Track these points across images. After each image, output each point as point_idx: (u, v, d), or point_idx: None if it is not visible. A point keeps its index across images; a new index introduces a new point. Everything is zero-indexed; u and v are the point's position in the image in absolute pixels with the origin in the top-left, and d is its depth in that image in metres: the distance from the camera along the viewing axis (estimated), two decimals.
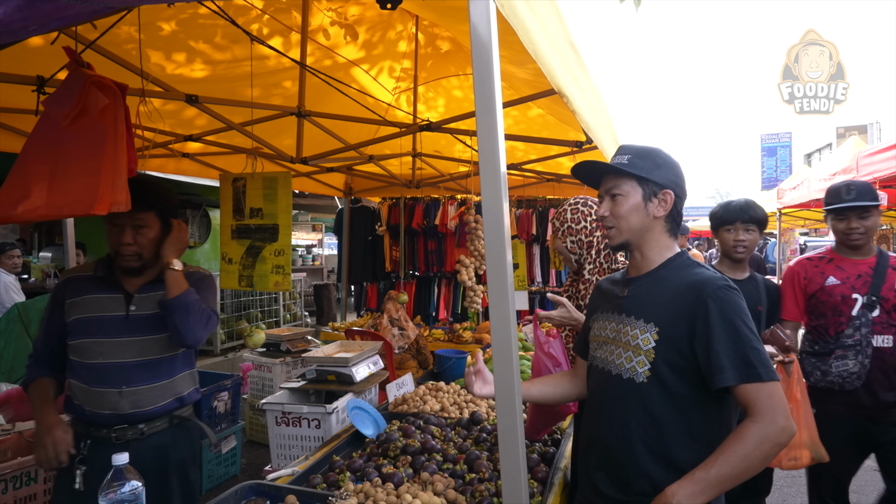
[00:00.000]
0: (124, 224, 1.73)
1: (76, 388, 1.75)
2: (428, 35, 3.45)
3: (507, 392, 1.07)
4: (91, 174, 1.39)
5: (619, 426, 1.37)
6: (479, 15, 1.04)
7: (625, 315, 1.41)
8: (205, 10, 2.62)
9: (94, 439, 1.72)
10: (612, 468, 1.39)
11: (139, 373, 1.77)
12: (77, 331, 1.75)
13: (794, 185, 6.77)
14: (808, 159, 20.75)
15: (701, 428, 1.31)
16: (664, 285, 1.39)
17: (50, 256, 6.34)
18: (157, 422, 1.82)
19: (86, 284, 1.79)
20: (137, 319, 1.78)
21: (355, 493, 1.61)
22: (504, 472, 1.08)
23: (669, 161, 1.45)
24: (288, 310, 7.18)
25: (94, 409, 1.73)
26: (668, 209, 1.41)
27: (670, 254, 1.44)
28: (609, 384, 1.41)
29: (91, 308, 1.76)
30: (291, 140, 3.56)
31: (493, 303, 1.08)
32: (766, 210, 2.49)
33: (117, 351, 1.75)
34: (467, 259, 3.85)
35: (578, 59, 1.97)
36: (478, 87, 1.05)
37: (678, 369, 1.30)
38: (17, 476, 2.28)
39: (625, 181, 1.42)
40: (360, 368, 2.83)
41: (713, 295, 1.28)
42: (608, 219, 1.44)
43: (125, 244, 1.74)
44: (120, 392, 1.74)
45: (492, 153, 1.05)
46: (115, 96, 1.47)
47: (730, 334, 1.24)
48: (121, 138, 1.45)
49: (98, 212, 1.36)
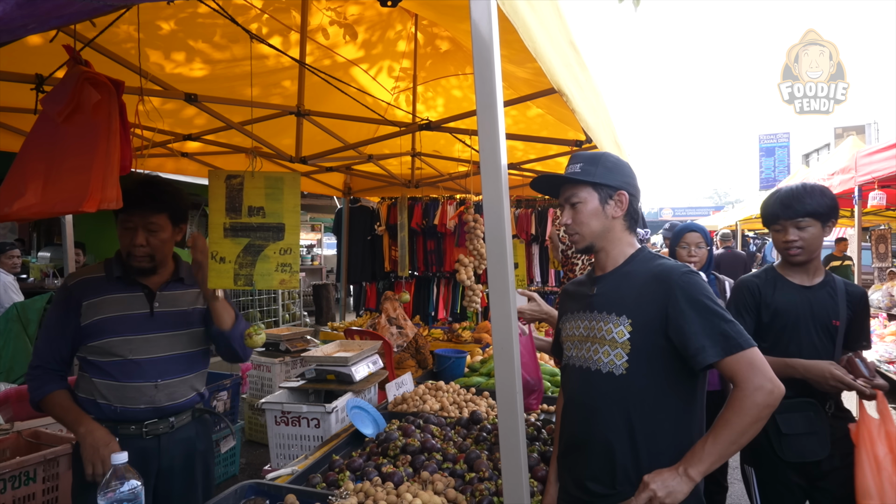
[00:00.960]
0: (137, 226, 1.75)
1: (102, 387, 1.75)
2: (427, 35, 3.45)
3: (508, 391, 1.07)
4: (83, 171, 1.37)
5: (601, 420, 1.41)
6: (481, 13, 1.03)
7: (597, 311, 1.47)
8: (204, 10, 2.62)
9: (121, 437, 1.73)
10: (596, 463, 1.42)
11: (171, 366, 1.83)
12: (101, 331, 1.75)
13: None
14: (806, 159, 20.76)
15: (680, 412, 1.38)
16: (631, 279, 1.45)
17: (49, 256, 6.33)
18: (184, 415, 1.89)
19: (102, 285, 1.80)
20: (161, 316, 1.83)
21: (355, 493, 1.61)
22: (505, 471, 1.08)
23: (619, 163, 1.52)
24: (287, 310, 7.17)
25: (126, 405, 1.75)
26: (625, 209, 1.49)
27: (632, 250, 1.52)
28: (588, 380, 1.45)
29: (114, 308, 1.77)
30: (290, 140, 3.56)
31: (495, 302, 1.07)
32: (832, 194, 1.95)
33: (146, 347, 1.79)
34: (466, 258, 3.85)
35: (578, 58, 1.97)
36: (479, 85, 1.05)
37: (654, 358, 1.36)
38: (16, 476, 2.27)
39: (581, 189, 1.49)
40: (359, 368, 2.83)
41: (678, 281, 1.35)
42: (571, 226, 1.51)
43: (138, 245, 1.76)
44: (156, 385, 1.79)
45: (493, 152, 1.05)
46: (108, 92, 1.45)
47: (701, 314, 1.31)
48: (114, 135, 1.43)
49: (87, 209, 1.35)
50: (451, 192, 5.68)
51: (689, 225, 2.90)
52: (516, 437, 1.07)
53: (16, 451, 2.45)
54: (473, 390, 2.82)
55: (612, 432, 1.39)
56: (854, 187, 5.24)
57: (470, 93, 3.96)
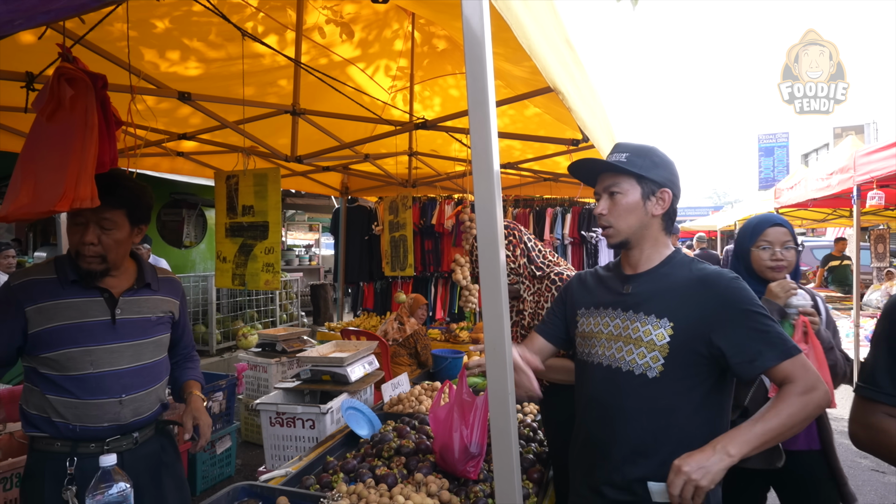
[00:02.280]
0: (88, 221, 1.57)
1: (58, 405, 1.57)
2: (424, 33, 3.44)
3: (500, 392, 1.05)
4: (59, 169, 1.33)
5: (626, 422, 1.37)
6: (472, 9, 1.02)
7: (632, 311, 1.41)
8: (199, 8, 2.60)
9: (80, 456, 1.58)
10: (614, 467, 1.37)
11: (136, 379, 1.67)
12: (56, 341, 1.56)
13: (792, 184, 6.77)
14: (805, 159, 20.79)
15: (710, 417, 1.34)
16: (671, 281, 1.40)
17: (45, 256, 6.30)
18: (147, 429, 1.74)
19: (53, 288, 1.58)
20: (125, 324, 1.66)
21: (348, 495, 1.59)
22: (497, 473, 1.07)
23: (666, 160, 1.45)
24: (284, 310, 7.15)
25: (86, 424, 1.58)
26: (666, 208, 1.43)
27: (668, 251, 1.46)
28: (615, 380, 1.40)
29: (69, 314, 1.58)
30: (286, 139, 3.54)
31: (487, 301, 1.06)
32: None
33: (109, 358, 1.62)
34: (463, 258, 3.83)
35: (574, 57, 1.95)
36: (470, 83, 1.03)
37: (690, 364, 1.33)
38: (7, 477, 2.25)
39: (623, 179, 1.42)
40: (355, 368, 2.81)
41: (728, 287, 1.33)
42: (605, 217, 1.45)
43: (88, 244, 1.57)
44: (121, 401, 1.62)
45: (485, 150, 1.03)
46: (84, 87, 1.40)
47: (755, 321, 1.29)
48: (91, 130, 1.38)
49: (60, 209, 1.29)
50: (449, 192, 5.67)
51: (769, 217, 2.06)
52: (509, 438, 1.05)
53: (8, 453, 2.43)
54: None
55: (637, 436, 1.35)
56: (853, 187, 5.24)
57: None
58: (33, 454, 1.63)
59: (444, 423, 1.80)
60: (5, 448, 2.46)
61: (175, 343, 1.89)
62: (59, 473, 1.56)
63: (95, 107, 1.37)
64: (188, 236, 7.12)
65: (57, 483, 1.56)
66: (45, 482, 1.57)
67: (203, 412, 1.81)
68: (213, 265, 7.13)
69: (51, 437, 1.59)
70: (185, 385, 1.90)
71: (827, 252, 9.05)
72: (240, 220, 1.89)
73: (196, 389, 1.88)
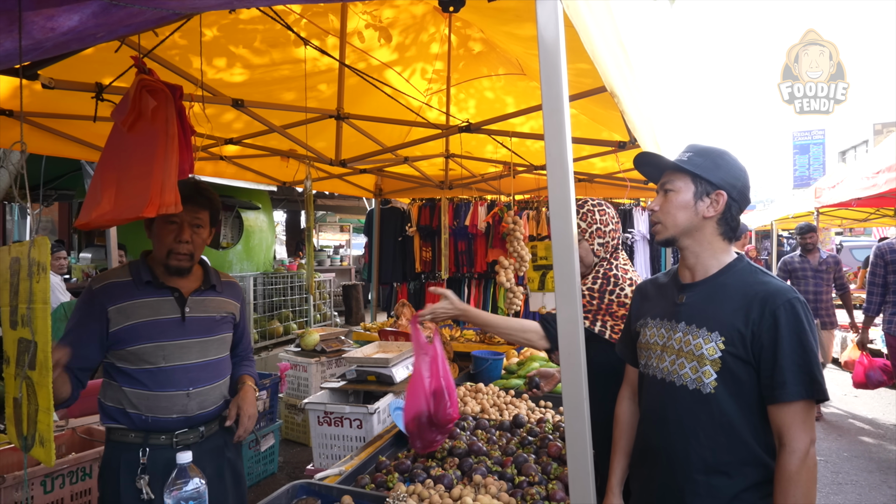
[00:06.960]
0: (182, 221, 1.71)
1: (133, 396, 1.70)
2: (460, 36, 3.45)
3: (575, 396, 1.06)
4: (144, 177, 1.41)
5: (682, 436, 1.35)
6: (547, 16, 1.03)
7: (685, 323, 1.38)
8: (245, 16, 2.67)
9: (151, 447, 1.70)
10: (673, 479, 1.36)
11: (202, 373, 1.79)
12: (133, 337, 1.69)
13: (834, 183, 6.56)
14: (842, 157, 20.14)
15: (761, 433, 1.30)
16: (726, 292, 1.35)
17: (90, 257, 6.52)
18: (213, 423, 1.85)
19: (129, 289, 1.73)
20: (193, 321, 1.78)
21: (409, 495, 1.61)
22: (572, 476, 1.07)
23: (732, 164, 1.41)
24: (318, 310, 7.26)
25: (157, 415, 1.70)
26: (720, 211, 1.38)
27: (728, 259, 1.41)
28: (671, 395, 1.38)
29: (144, 312, 1.71)
30: (324, 143, 3.59)
31: (561, 308, 1.07)
32: None
33: (179, 353, 1.74)
34: (507, 260, 3.83)
35: (627, 59, 1.94)
36: (545, 89, 1.04)
37: (742, 379, 1.29)
38: (74, 471, 2.35)
39: (679, 177, 1.41)
40: (399, 369, 2.84)
41: (784, 306, 1.27)
42: (656, 213, 1.44)
43: (183, 241, 1.71)
44: (188, 394, 1.74)
45: (560, 156, 1.04)
46: (165, 98, 1.48)
47: (797, 349, 1.24)
48: (171, 139, 1.46)
49: (147, 214, 1.37)
50: (482, 193, 5.66)
51: None
52: (584, 442, 1.05)
53: (70, 447, 2.54)
54: (513, 392, 2.81)
55: (694, 452, 1.33)
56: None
57: (503, 94, 3.94)
58: (109, 445, 1.76)
59: (416, 384, 1.84)
60: (68, 443, 2.56)
61: (235, 344, 1.98)
62: (133, 463, 1.68)
63: (175, 117, 1.43)
64: (225, 237, 7.28)
65: (131, 473, 1.67)
66: (121, 472, 1.68)
67: (248, 403, 1.88)
68: (250, 266, 7.27)
69: (126, 429, 1.72)
70: (240, 378, 1.97)
71: (868, 253, 8.74)
72: None
73: (250, 381, 1.96)
